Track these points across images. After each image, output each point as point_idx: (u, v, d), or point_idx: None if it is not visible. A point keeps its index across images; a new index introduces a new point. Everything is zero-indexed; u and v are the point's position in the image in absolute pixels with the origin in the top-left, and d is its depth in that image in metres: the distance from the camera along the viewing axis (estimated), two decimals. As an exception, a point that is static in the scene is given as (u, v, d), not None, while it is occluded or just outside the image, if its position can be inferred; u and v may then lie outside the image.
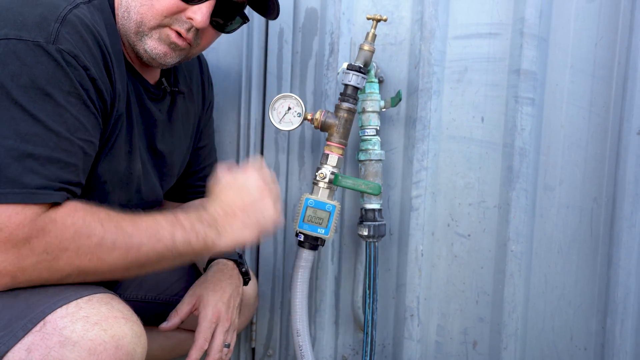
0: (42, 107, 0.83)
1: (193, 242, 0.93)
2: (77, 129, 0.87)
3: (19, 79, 0.82)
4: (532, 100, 1.32)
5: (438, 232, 1.42)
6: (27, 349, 0.78)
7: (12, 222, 0.79)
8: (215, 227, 0.96)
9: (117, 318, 0.83)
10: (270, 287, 1.51)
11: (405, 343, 1.43)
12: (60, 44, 0.84)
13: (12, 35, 0.83)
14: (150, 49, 0.99)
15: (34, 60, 0.83)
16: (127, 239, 0.86)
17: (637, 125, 1.27)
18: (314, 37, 1.43)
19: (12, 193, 0.80)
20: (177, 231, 0.91)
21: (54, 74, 0.84)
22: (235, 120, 1.49)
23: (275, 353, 1.53)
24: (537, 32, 1.30)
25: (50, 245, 0.81)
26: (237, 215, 0.99)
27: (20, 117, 0.82)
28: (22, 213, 0.80)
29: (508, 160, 1.35)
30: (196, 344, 1.05)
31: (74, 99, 0.86)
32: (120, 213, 0.88)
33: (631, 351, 1.32)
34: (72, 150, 0.86)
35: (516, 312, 1.36)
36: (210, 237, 0.95)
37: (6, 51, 0.82)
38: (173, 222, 0.92)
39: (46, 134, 0.83)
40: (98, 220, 0.84)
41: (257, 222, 1.01)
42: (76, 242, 0.82)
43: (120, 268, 0.87)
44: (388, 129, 1.42)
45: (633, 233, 1.29)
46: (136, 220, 0.88)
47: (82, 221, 0.83)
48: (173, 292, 1.27)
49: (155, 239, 0.89)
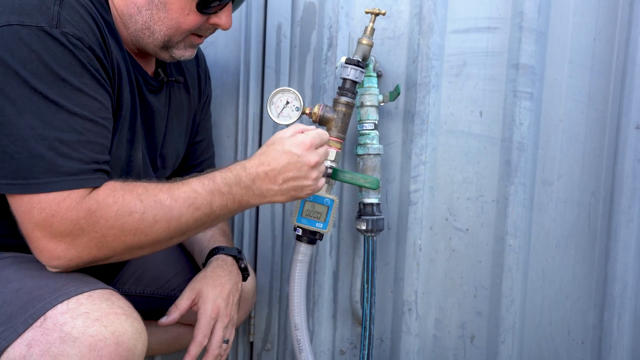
0: (61, 92, 0.84)
1: (230, 205, 0.96)
2: (98, 109, 0.88)
3: (32, 66, 0.82)
4: (530, 94, 1.31)
5: (436, 226, 1.42)
6: (27, 344, 0.78)
7: (61, 207, 0.82)
8: (252, 189, 0.97)
9: (117, 314, 0.83)
10: (268, 281, 1.51)
11: (403, 337, 1.43)
12: (63, 27, 0.84)
13: (14, 20, 0.83)
14: (178, 55, 1.04)
15: (41, 46, 0.83)
16: (167, 212, 0.89)
17: (635, 120, 1.26)
18: (312, 31, 1.43)
19: (51, 182, 0.82)
20: (214, 197, 0.93)
21: (64, 58, 0.84)
22: (234, 114, 1.49)
23: (274, 347, 1.53)
24: (536, 26, 1.30)
25: (97, 224, 0.84)
26: (276, 180, 0.98)
27: (42, 104, 0.83)
28: (69, 198, 0.83)
29: (506, 154, 1.35)
30: (195, 340, 1.05)
31: (89, 80, 0.87)
32: (158, 184, 0.91)
33: (628, 345, 1.32)
34: (97, 130, 0.88)
35: (514, 306, 1.36)
36: (246, 199, 0.98)
37: (11, 38, 0.82)
38: (211, 188, 0.93)
39: (71, 118, 0.84)
40: (137, 197, 0.87)
41: (294, 190, 1.01)
42: (119, 219, 0.85)
43: (164, 239, 0.91)
44: (386, 123, 1.42)
45: (630, 227, 1.29)
46: (173, 190, 0.91)
47: (122, 199, 0.86)
48: (172, 287, 1.27)
49: (193, 207, 0.91)
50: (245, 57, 1.45)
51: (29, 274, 0.87)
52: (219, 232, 1.27)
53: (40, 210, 0.82)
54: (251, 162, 0.98)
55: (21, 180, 0.82)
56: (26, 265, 0.89)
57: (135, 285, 1.26)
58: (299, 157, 0.99)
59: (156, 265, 1.28)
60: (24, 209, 0.83)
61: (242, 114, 1.47)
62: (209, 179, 0.94)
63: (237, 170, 0.97)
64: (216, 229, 1.27)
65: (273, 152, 0.99)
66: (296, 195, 1.01)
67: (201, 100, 1.31)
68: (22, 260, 0.90)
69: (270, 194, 0.99)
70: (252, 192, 0.97)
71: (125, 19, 1.00)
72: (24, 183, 0.82)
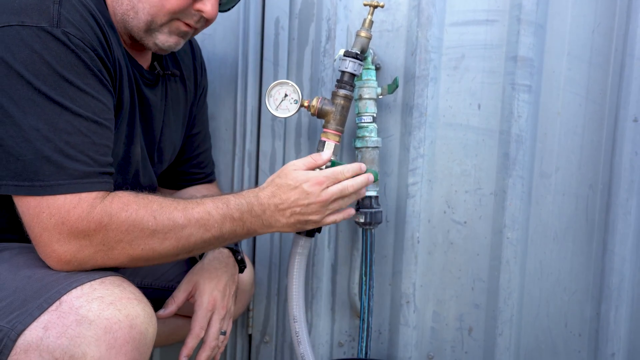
0: (65, 93, 0.84)
1: (238, 231, 0.99)
2: (101, 110, 0.88)
3: (34, 67, 0.82)
4: (528, 87, 1.31)
5: (434, 219, 1.41)
6: (44, 327, 0.79)
7: (72, 215, 0.83)
8: (262, 219, 1.01)
9: (130, 299, 0.84)
10: (267, 274, 1.51)
11: (401, 329, 1.43)
12: (64, 27, 0.84)
13: (14, 21, 0.82)
14: (161, 42, 1.01)
15: (43, 46, 0.82)
16: (178, 231, 0.91)
17: (633, 113, 1.26)
18: (310, 24, 1.42)
19: (58, 185, 0.83)
20: (226, 222, 0.96)
21: (66, 58, 0.84)
22: (232, 107, 1.48)
23: (272, 339, 1.53)
24: (535, 18, 1.29)
25: (106, 238, 0.85)
26: (285, 213, 1.02)
27: (47, 106, 0.82)
28: (79, 206, 0.83)
29: (504, 147, 1.34)
30: (192, 332, 1.06)
31: (92, 81, 0.87)
32: (173, 202, 0.92)
33: (625, 337, 1.32)
34: (101, 132, 0.88)
35: (511, 299, 1.36)
36: (254, 227, 1.01)
37: (12, 38, 0.81)
38: (224, 212, 0.96)
39: (76, 119, 0.84)
40: (151, 213, 0.88)
41: (299, 223, 1.05)
42: (130, 234, 0.86)
43: (171, 255, 0.93)
44: (385, 116, 1.41)
45: (628, 220, 1.28)
46: (188, 209, 0.92)
47: (135, 214, 0.87)
48: (169, 278, 1.27)
49: (204, 229, 0.93)
50: (243, 50, 1.44)
51: (39, 262, 0.88)
52: None
53: (49, 216, 0.83)
54: (264, 193, 1.02)
55: (27, 182, 0.82)
56: (34, 254, 0.89)
57: (133, 277, 1.25)
58: (307, 195, 1.03)
59: None
60: (32, 212, 0.84)
61: (241, 106, 1.46)
62: (224, 202, 0.97)
63: (250, 198, 1.00)
64: None
65: (286, 187, 1.03)
66: (301, 227, 1.06)
67: (197, 92, 1.31)
68: (31, 250, 0.91)
69: (278, 225, 1.03)
70: (262, 221, 1.01)
71: (114, 3, 0.99)
72: (30, 185, 0.82)
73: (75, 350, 0.78)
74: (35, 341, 0.79)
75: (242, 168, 1.48)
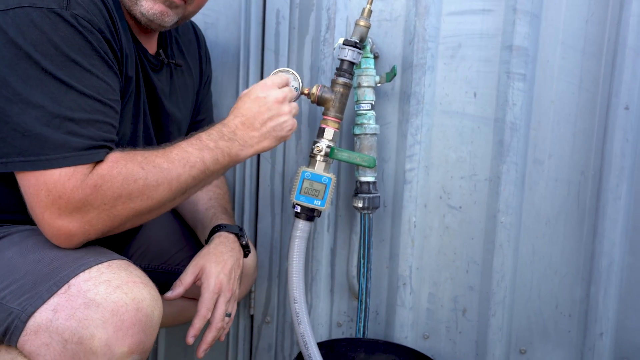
0: (71, 72, 0.84)
1: (220, 159, 0.99)
2: (106, 90, 0.89)
3: (43, 47, 0.82)
4: (523, 76, 1.31)
5: (430, 204, 1.42)
6: (53, 309, 0.80)
7: (67, 188, 0.83)
8: (236, 140, 1.02)
9: (136, 283, 0.85)
10: (268, 257, 1.52)
11: (398, 310, 1.44)
12: (73, 9, 0.84)
13: (26, 3, 0.82)
14: (146, 10, 0.98)
15: (52, 27, 0.83)
16: (167, 174, 0.91)
17: (624, 101, 1.26)
18: (310, 13, 1.42)
19: (62, 157, 0.83)
20: (204, 154, 0.97)
21: (74, 40, 0.84)
22: (234, 94, 1.48)
23: (273, 320, 1.55)
24: (530, 8, 1.29)
25: (105, 197, 0.85)
26: (254, 127, 1.04)
27: (53, 84, 0.83)
28: (74, 177, 0.83)
29: (499, 134, 1.35)
30: (199, 314, 1.07)
31: (98, 62, 0.87)
32: (153, 151, 0.93)
33: (613, 318, 1.34)
34: (105, 111, 0.88)
35: (504, 281, 1.37)
36: (234, 151, 1.01)
37: (22, 19, 0.82)
38: (199, 146, 0.97)
39: (80, 98, 0.85)
40: (138, 164, 0.89)
41: (275, 131, 1.06)
42: (126, 188, 0.87)
43: (168, 200, 0.93)
44: (383, 104, 1.41)
45: (618, 205, 1.29)
46: (167, 153, 0.93)
47: (125, 169, 0.87)
48: (175, 262, 1.29)
49: (188, 166, 0.94)
50: (245, 39, 1.44)
51: (47, 245, 0.88)
52: (221, 210, 1.27)
53: (47, 193, 0.83)
54: (228, 118, 1.05)
55: (33, 157, 0.83)
56: (44, 237, 0.90)
57: (141, 260, 1.27)
58: (265, 98, 1.05)
59: (160, 241, 1.29)
60: (32, 191, 0.84)
61: None
62: (196, 139, 0.98)
63: (218, 127, 1.02)
64: (218, 207, 1.28)
65: (242, 103, 1.05)
66: (279, 135, 1.07)
67: (202, 80, 1.31)
68: (39, 232, 0.91)
69: (254, 141, 1.04)
70: (237, 142, 1.02)
71: None
72: (36, 160, 0.83)
73: (84, 332, 0.79)
74: (45, 323, 0.80)
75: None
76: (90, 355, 0.79)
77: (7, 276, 0.85)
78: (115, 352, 0.80)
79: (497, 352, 1.39)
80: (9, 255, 0.88)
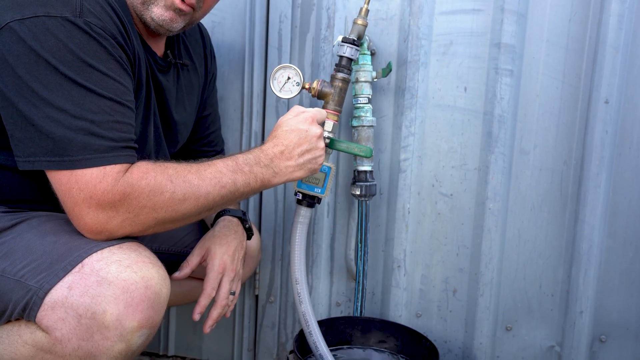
0: (89, 77, 0.84)
1: (252, 184, 0.98)
2: (123, 92, 0.89)
3: (60, 54, 0.83)
4: (510, 71, 1.32)
5: (423, 192, 1.43)
6: (68, 287, 0.82)
7: (98, 190, 0.83)
8: (272, 168, 1.00)
9: (145, 263, 0.87)
10: (271, 241, 1.54)
11: (393, 291, 1.46)
12: (86, 17, 0.85)
13: (41, 12, 0.83)
14: (156, 16, 0.98)
15: (67, 35, 0.83)
16: (195, 190, 0.90)
17: (604, 95, 1.28)
18: (311, 13, 1.43)
19: (85, 159, 0.83)
20: (237, 176, 0.95)
21: (89, 46, 0.85)
22: (239, 89, 1.50)
23: (277, 299, 1.56)
24: (517, 8, 1.30)
25: (131, 206, 0.85)
26: (292, 156, 1.02)
27: (73, 89, 0.83)
28: (104, 180, 0.84)
29: (488, 126, 1.36)
30: (205, 292, 1.09)
31: (113, 65, 0.88)
32: (187, 165, 0.92)
33: (592, 297, 1.35)
34: (123, 111, 0.88)
35: (492, 263, 1.39)
36: (267, 178, 1.00)
37: (39, 28, 0.82)
38: (234, 168, 0.95)
39: (100, 100, 0.85)
40: (168, 178, 0.88)
41: (310, 163, 1.05)
42: (152, 199, 0.86)
43: (193, 214, 0.92)
44: (379, 98, 1.43)
45: (598, 192, 1.31)
46: (200, 170, 0.92)
47: (154, 181, 0.87)
48: (184, 244, 1.30)
49: (219, 186, 0.93)
50: (250, 37, 1.45)
51: (63, 229, 0.90)
52: None
53: (79, 190, 0.84)
54: (267, 145, 1.02)
55: (58, 157, 0.83)
56: (60, 222, 0.92)
57: (151, 243, 1.28)
58: (306, 131, 1.03)
59: None
60: (64, 188, 0.85)
61: (247, 89, 1.47)
62: (232, 160, 0.97)
63: (256, 152, 1.00)
64: None
65: (283, 133, 1.03)
66: (312, 167, 1.06)
67: (207, 78, 1.31)
68: (56, 217, 0.94)
69: (289, 170, 1.02)
70: (272, 170, 1.00)
71: None
72: (60, 160, 0.83)
73: (97, 308, 0.80)
74: (61, 299, 0.81)
75: (249, 145, 1.49)
76: (103, 329, 0.81)
77: (26, 256, 0.86)
78: (126, 326, 0.82)
79: (485, 329, 1.42)
80: (27, 237, 0.89)
